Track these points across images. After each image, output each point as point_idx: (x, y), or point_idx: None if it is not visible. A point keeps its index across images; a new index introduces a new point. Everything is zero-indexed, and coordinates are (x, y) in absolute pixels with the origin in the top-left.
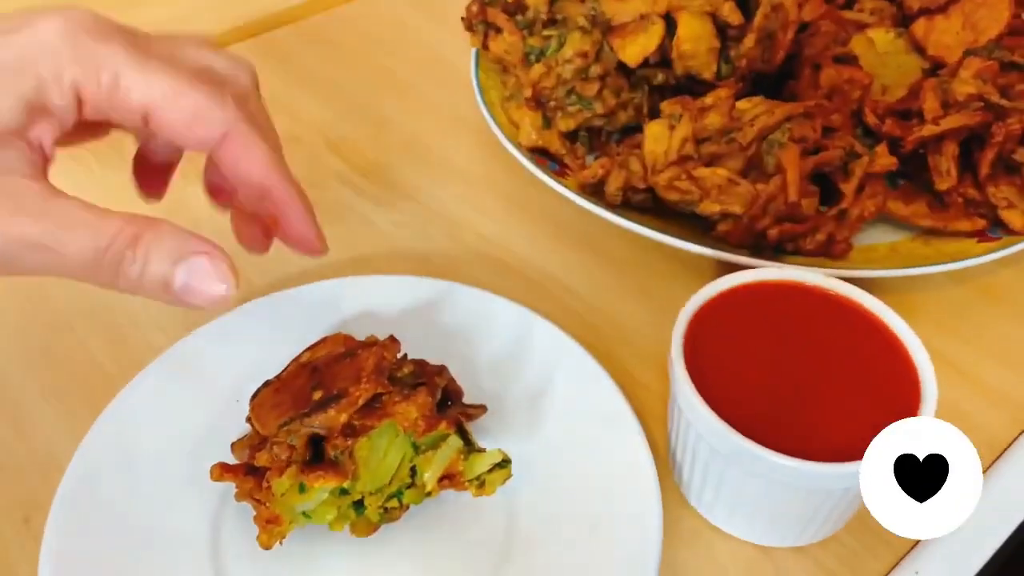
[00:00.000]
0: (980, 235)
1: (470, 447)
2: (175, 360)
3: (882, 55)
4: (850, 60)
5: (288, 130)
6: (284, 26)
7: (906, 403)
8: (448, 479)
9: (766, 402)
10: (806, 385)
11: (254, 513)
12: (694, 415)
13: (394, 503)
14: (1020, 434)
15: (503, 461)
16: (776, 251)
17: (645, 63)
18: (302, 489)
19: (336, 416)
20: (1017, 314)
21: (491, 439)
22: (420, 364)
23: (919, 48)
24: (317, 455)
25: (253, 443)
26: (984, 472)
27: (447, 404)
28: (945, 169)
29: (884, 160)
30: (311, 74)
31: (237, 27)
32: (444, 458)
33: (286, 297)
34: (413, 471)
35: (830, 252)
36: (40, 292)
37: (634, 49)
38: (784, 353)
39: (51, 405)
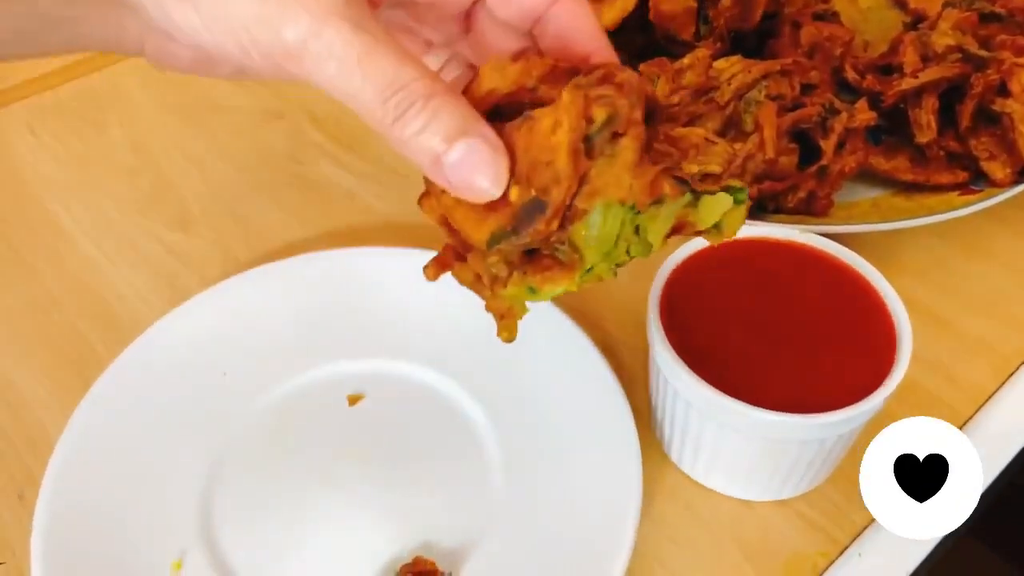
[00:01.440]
0: (962, 187)
1: (697, 195)
2: (161, 335)
3: (864, 11)
4: (830, 17)
5: (272, 107)
6: None
7: (883, 354)
8: (677, 231)
9: (744, 357)
10: (783, 339)
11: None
12: (670, 372)
13: (623, 258)
14: (1002, 384)
15: (737, 196)
16: (758, 209)
17: (624, 26)
18: (532, 291)
19: (545, 228)
20: (1000, 265)
21: (475, 400)
22: (610, 105)
23: (900, 2)
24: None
25: (455, 246)
26: (966, 422)
27: (651, 118)
28: (925, 122)
29: (863, 115)
30: None
31: None
32: (670, 215)
33: (271, 270)
34: (637, 229)
35: (812, 209)
36: (32, 274)
37: (612, 13)
38: (761, 309)
39: (42, 383)
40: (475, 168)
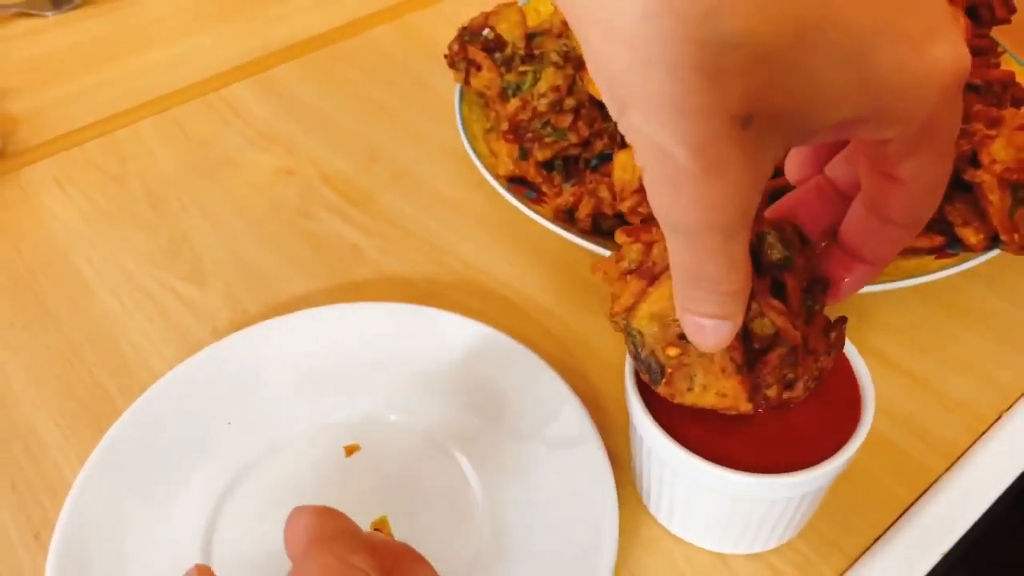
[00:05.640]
0: (938, 251)
1: None
2: (172, 386)
3: None
4: None
5: (283, 164)
6: (283, 63)
7: (850, 415)
8: None
9: (715, 417)
10: None
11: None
12: (643, 429)
13: None
14: (974, 442)
15: None
16: None
17: None
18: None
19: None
20: (977, 324)
21: (461, 455)
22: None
23: None
24: None
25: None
26: (936, 481)
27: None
28: None
29: None
30: (307, 109)
31: (239, 66)
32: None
33: (278, 324)
34: None
35: None
36: (54, 322)
37: None
38: None
39: (60, 428)
40: (715, 340)
